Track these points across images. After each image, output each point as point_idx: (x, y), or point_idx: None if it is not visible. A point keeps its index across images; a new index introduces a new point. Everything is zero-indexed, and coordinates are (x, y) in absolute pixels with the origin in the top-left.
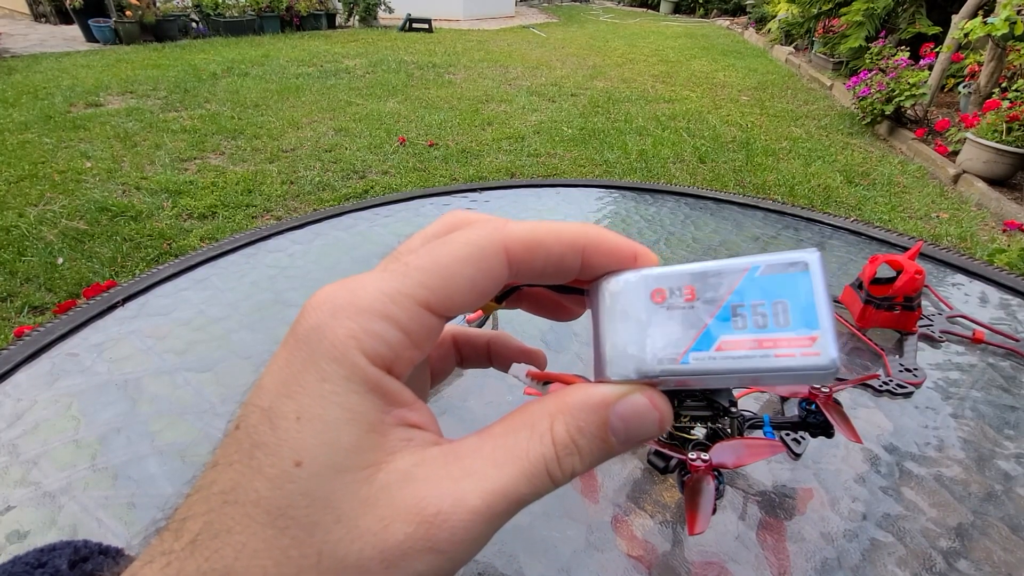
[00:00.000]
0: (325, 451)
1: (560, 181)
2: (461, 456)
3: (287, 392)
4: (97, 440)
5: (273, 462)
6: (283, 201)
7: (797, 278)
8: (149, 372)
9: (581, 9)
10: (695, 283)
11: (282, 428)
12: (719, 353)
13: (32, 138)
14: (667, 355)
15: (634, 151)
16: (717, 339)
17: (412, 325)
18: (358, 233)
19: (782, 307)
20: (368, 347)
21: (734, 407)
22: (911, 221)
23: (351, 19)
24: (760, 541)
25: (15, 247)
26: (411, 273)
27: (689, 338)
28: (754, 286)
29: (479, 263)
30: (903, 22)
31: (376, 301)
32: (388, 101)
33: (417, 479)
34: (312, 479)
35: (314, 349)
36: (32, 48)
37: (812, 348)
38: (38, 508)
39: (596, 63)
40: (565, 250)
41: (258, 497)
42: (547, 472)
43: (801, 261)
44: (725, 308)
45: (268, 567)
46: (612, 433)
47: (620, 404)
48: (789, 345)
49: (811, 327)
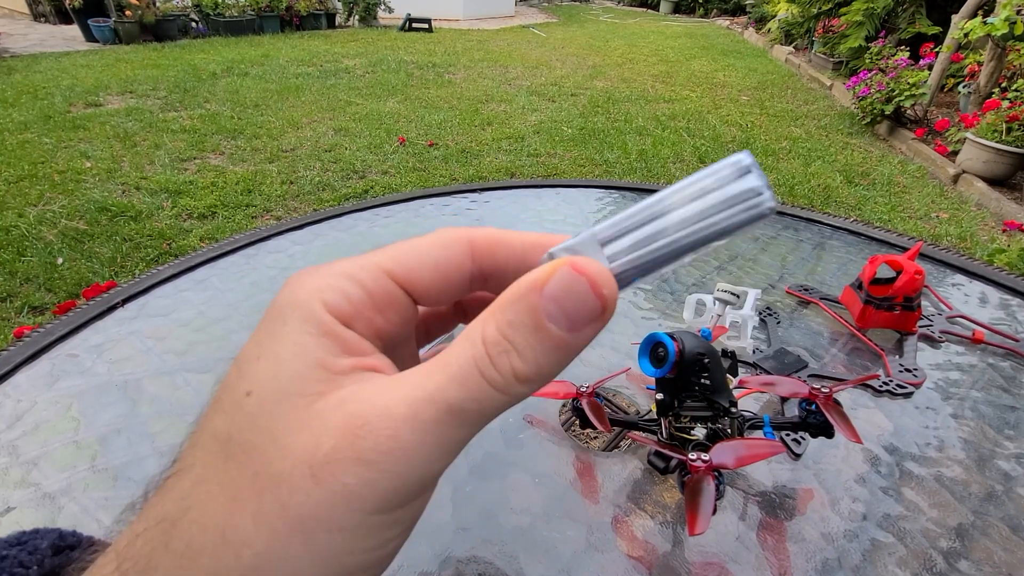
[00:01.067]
0: (272, 381)
1: (560, 181)
2: (400, 377)
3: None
4: (97, 441)
5: (230, 396)
6: (283, 201)
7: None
8: (149, 373)
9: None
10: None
11: (244, 368)
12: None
13: (32, 138)
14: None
15: (634, 151)
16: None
17: (375, 288)
18: (358, 233)
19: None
20: (329, 299)
21: (734, 407)
22: (911, 221)
23: (351, 19)
24: (760, 541)
25: (15, 247)
26: (383, 251)
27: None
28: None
29: (444, 248)
30: (903, 22)
31: (347, 266)
32: (388, 101)
33: (352, 400)
34: (257, 405)
35: (282, 304)
36: (32, 48)
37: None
38: (38, 509)
39: (596, 63)
40: (528, 247)
41: (215, 430)
42: (480, 373)
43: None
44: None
45: (214, 491)
46: (547, 318)
47: (548, 284)
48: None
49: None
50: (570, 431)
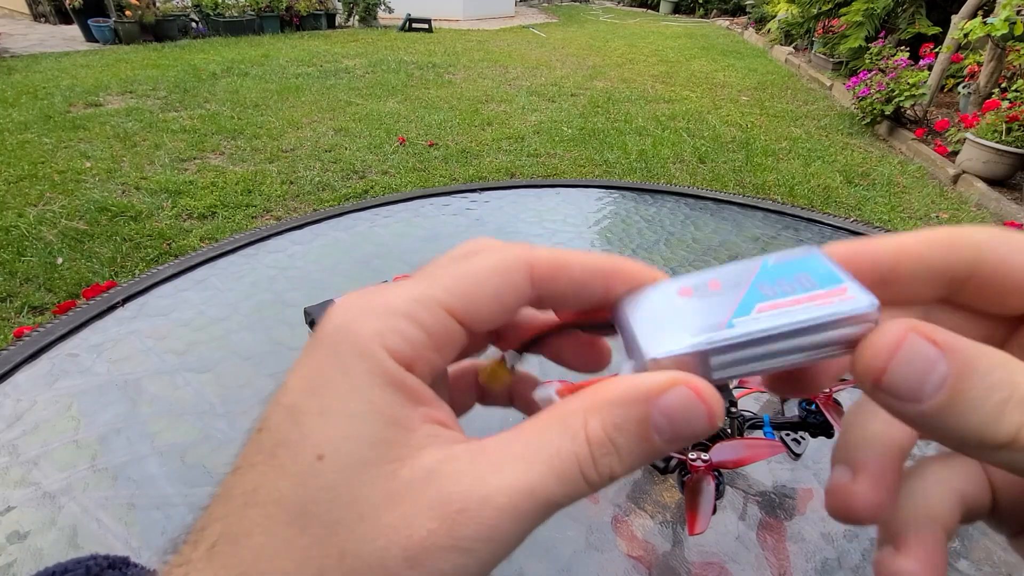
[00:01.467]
0: (348, 444)
1: (560, 181)
2: (489, 453)
3: (310, 388)
4: (97, 440)
5: (295, 458)
6: (283, 201)
7: (807, 259)
8: (149, 373)
9: (581, 9)
10: (718, 277)
11: (305, 424)
12: (761, 314)
13: (32, 138)
14: (711, 324)
15: (634, 151)
16: (754, 305)
17: (435, 327)
18: (358, 233)
19: (805, 277)
20: (391, 343)
21: (734, 407)
22: (911, 221)
23: (351, 19)
24: (760, 541)
25: (15, 247)
26: (437, 281)
27: (728, 308)
28: (772, 271)
29: (504, 275)
30: (903, 22)
31: (402, 303)
32: (388, 101)
33: (442, 475)
34: (335, 473)
35: (339, 346)
36: (32, 48)
37: (847, 295)
38: (38, 508)
39: (596, 63)
40: (588, 275)
41: (279, 496)
42: (580, 472)
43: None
44: (753, 286)
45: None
46: (655, 431)
47: (663, 398)
48: (825, 297)
49: (837, 283)
50: None
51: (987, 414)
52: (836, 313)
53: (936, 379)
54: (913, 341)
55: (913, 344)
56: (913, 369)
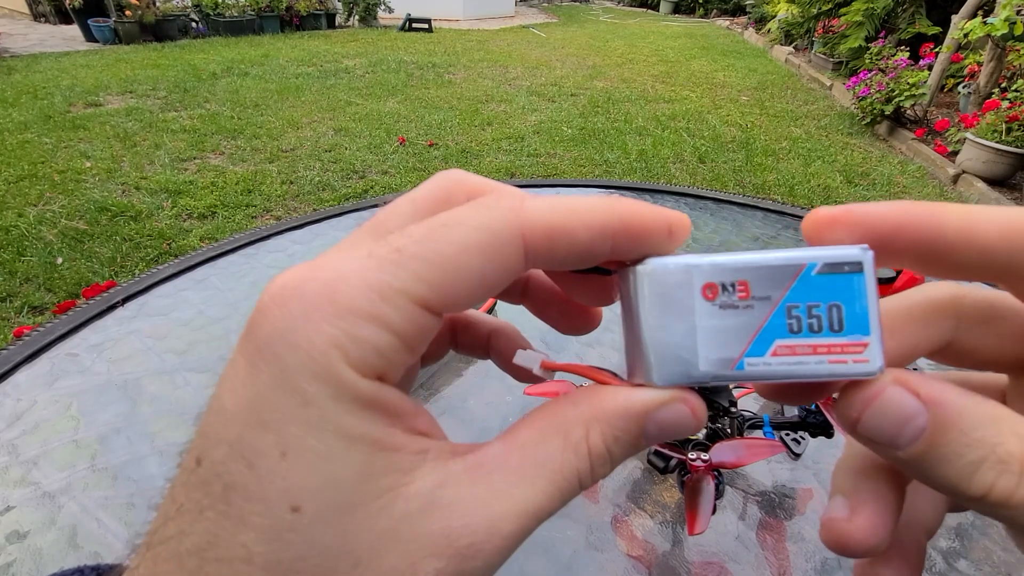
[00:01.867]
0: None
1: (560, 181)
2: (487, 470)
3: (259, 421)
4: (97, 440)
5: (261, 509)
6: (283, 201)
7: (851, 279)
8: (149, 372)
9: (581, 9)
10: (749, 277)
11: (263, 467)
12: (774, 359)
13: (32, 138)
14: (721, 359)
15: (634, 151)
16: (772, 343)
17: (407, 327)
18: None
19: (837, 311)
20: (356, 357)
21: (734, 407)
22: None
23: (351, 19)
24: (760, 541)
25: (15, 247)
26: (406, 263)
27: (744, 342)
28: (809, 286)
29: (491, 254)
30: (903, 22)
31: (361, 298)
32: (388, 101)
33: (442, 503)
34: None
35: (285, 363)
36: (32, 48)
37: (863, 355)
38: (38, 508)
39: (596, 63)
40: (594, 236)
41: (249, 553)
42: (579, 483)
43: (856, 261)
44: (780, 309)
45: None
46: (645, 438)
47: (661, 413)
48: (843, 351)
49: (864, 333)
50: None
51: (961, 469)
52: (842, 374)
53: (913, 430)
54: (892, 393)
55: (891, 396)
56: (888, 420)
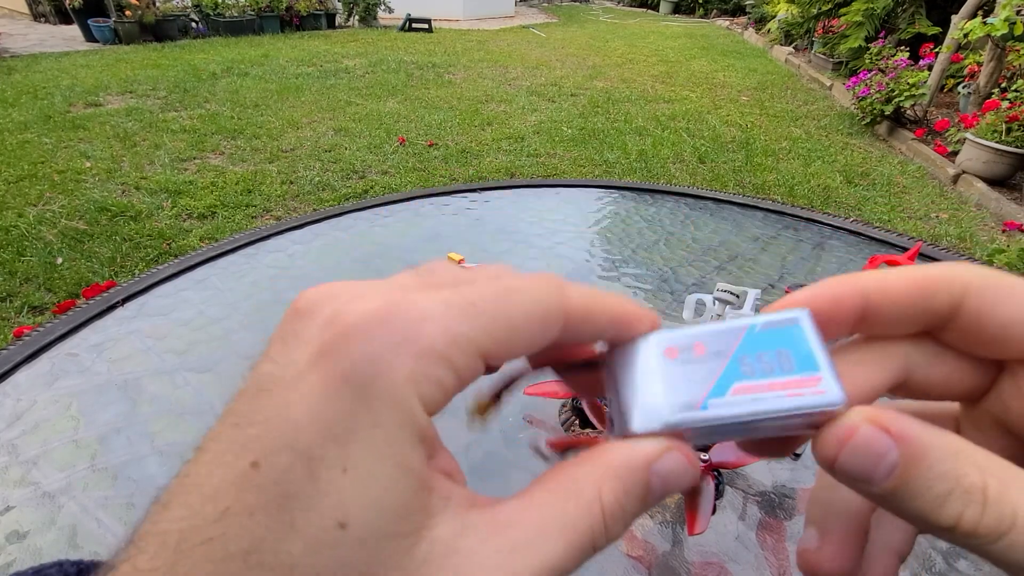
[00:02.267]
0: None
1: (560, 181)
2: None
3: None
4: (97, 440)
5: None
6: (283, 201)
7: (792, 330)
8: (149, 372)
9: (581, 9)
10: (703, 340)
11: (324, 479)
12: (734, 397)
13: (32, 138)
14: (687, 403)
15: (634, 151)
16: (731, 385)
17: (467, 372)
18: (358, 233)
19: (785, 355)
20: (425, 392)
21: None
22: (911, 221)
23: (351, 19)
24: (760, 541)
25: (15, 247)
26: (478, 316)
27: (705, 387)
28: (756, 340)
29: (543, 323)
30: (903, 22)
31: (441, 341)
32: (388, 101)
33: (461, 553)
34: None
35: (367, 387)
36: (32, 48)
37: (819, 387)
38: (38, 508)
39: (596, 63)
40: (609, 321)
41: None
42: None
43: (793, 317)
44: (734, 359)
45: None
46: (650, 492)
47: (660, 463)
48: (799, 386)
49: (814, 369)
50: (570, 431)
51: (930, 502)
52: (804, 407)
53: (886, 466)
54: (865, 432)
55: (865, 434)
56: (862, 458)
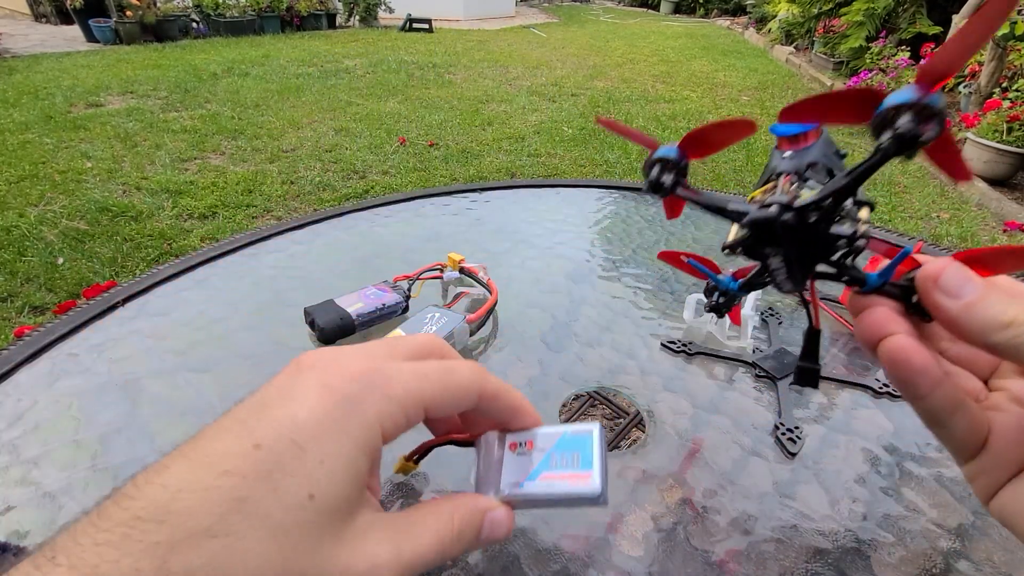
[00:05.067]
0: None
1: (560, 181)
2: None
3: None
4: (97, 440)
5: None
6: (283, 201)
7: (587, 438)
8: (149, 372)
9: (581, 9)
10: (534, 439)
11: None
12: (540, 482)
13: (33, 138)
14: (512, 482)
15: (634, 151)
16: (540, 474)
17: (414, 418)
18: (358, 233)
19: (577, 455)
20: (387, 426)
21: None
22: (911, 221)
23: (351, 19)
24: (759, 541)
25: (15, 247)
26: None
27: (525, 473)
28: (565, 443)
29: (466, 395)
30: (903, 22)
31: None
32: (388, 101)
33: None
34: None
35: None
36: (33, 48)
37: (588, 481)
38: (38, 508)
39: (596, 63)
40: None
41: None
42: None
43: (589, 430)
44: (547, 454)
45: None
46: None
47: (492, 514)
48: (578, 479)
49: (589, 468)
50: None
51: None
52: (575, 493)
53: (973, 287)
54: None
55: (957, 265)
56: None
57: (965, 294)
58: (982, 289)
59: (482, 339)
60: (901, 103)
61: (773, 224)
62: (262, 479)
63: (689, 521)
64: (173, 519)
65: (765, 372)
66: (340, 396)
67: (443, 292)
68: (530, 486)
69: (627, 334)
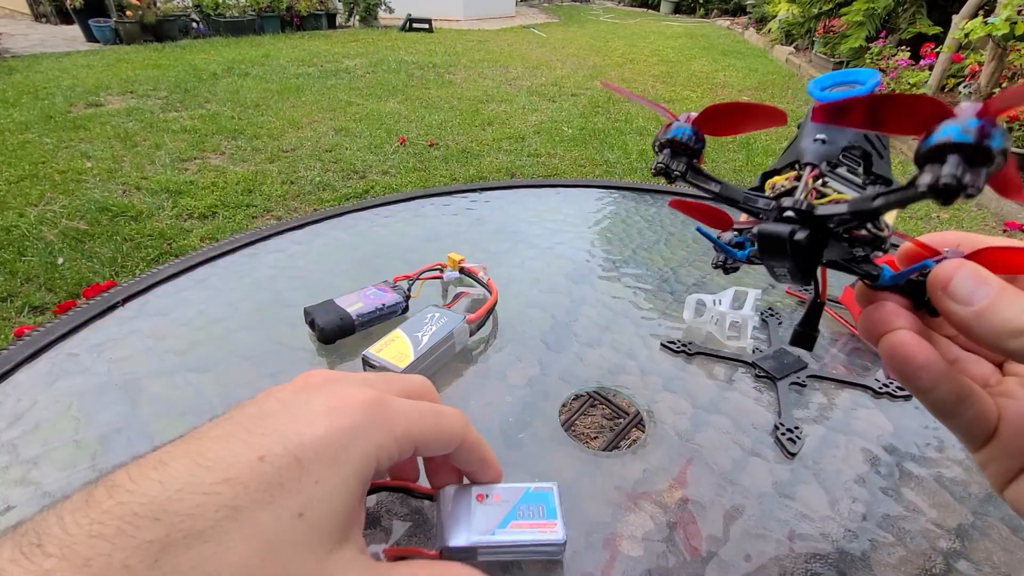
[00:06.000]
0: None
1: (560, 181)
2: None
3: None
4: (97, 440)
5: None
6: (283, 201)
7: (548, 494)
8: (149, 372)
9: (581, 9)
10: (499, 492)
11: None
12: (511, 530)
13: (32, 138)
14: (483, 530)
15: (634, 151)
16: (509, 523)
17: (405, 452)
18: (358, 233)
19: (542, 507)
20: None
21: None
22: (911, 221)
23: (351, 19)
24: (758, 541)
25: (15, 247)
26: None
27: (495, 522)
28: (530, 496)
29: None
30: (903, 22)
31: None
32: (388, 101)
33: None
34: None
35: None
36: (33, 48)
37: (554, 530)
38: (38, 508)
39: (596, 63)
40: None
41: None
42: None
43: (549, 487)
44: (514, 506)
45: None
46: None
47: None
48: (543, 528)
49: (553, 518)
50: (570, 431)
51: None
52: (542, 540)
53: (984, 292)
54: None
55: (967, 269)
56: (968, 282)
57: (977, 300)
58: (995, 294)
59: (482, 339)
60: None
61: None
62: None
63: (689, 521)
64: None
65: (765, 372)
66: (347, 423)
67: (443, 292)
68: (501, 534)
69: (627, 334)
